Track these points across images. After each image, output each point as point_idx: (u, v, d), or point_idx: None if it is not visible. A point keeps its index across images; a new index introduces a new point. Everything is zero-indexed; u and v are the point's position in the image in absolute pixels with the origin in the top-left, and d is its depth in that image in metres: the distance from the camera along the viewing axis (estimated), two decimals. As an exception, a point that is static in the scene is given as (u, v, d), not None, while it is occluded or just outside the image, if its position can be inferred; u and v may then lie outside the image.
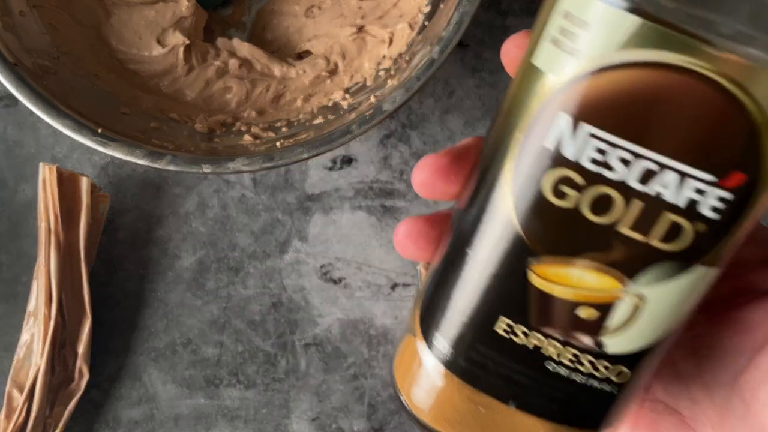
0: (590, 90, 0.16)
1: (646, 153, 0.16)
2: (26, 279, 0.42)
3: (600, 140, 0.16)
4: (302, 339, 0.43)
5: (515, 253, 0.17)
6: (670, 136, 0.15)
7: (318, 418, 0.43)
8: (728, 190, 0.16)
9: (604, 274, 0.17)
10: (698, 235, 0.16)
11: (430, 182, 0.20)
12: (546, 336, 0.18)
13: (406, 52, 0.38)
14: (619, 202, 0.16)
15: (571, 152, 0.16)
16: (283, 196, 0.43)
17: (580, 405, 0.19)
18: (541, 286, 0.17)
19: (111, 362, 0.42)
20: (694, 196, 0.16)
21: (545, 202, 0.17)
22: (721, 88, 0.15)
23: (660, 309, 0.17)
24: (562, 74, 0.16)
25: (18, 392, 0.40)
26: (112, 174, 0.43)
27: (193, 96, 0.40)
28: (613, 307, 0.17)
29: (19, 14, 0.37)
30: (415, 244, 0.21)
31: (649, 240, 0.16)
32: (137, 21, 0.40)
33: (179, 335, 0.43)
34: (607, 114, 0.16)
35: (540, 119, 0.16)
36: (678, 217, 0.16)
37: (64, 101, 0.35)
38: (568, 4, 0.16)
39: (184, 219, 0.43)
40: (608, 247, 0.17)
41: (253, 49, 0.41)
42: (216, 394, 0.43)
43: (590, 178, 0.16)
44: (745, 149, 0.15)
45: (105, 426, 0.42)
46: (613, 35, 0.15)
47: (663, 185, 0.16)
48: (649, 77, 0.15)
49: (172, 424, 0.43)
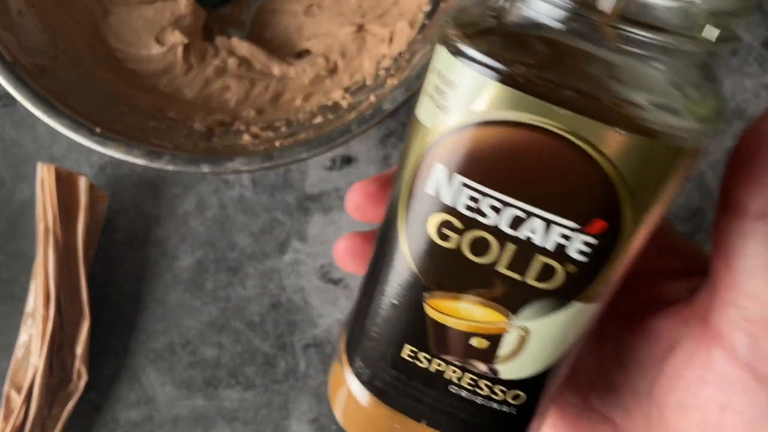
0: (459, 144, 0.17)
1: (513, 202, 0.17)
2: (24, 279, 0.42)
3: (472, 189, 0.17)
4: (302, 340, 0.42)
5: (412, 287, 0.19)
6: (532, 188, 0.17)
7: (318, 420, 0.42)
8: (592, 236, 0.17)
9: (489, 308, 0.18)
10: (570, 276, 0.17)
11: (362, 206, 0.22)
12: (446, 362, 0.19)
13: (406, 51, 0.38)
14: (494, 245, 0.17)
15: (448, 199, 0.18)
16: (282, 196, 0.43)
17: (484, 425, 0.20)
18: (436, 318, 0.19)
19: (109, 363, 0.42)
20: (561, 241, 0.17)
21: (432, 243, 0.18)
22: (572, 144, 0.16)
23: (544, 340, 0.19)
24: (436, 128, 0.17)
25: (16, 393, 0.39)
26: (110, 174, 0.43)
27: (191, 95, 0.40)
28: (501, 338, 0.19)
29: (17, 13, 0.36)
30: (352, 259, 0.23)
31: (526, 279, 0.18)
32: (136, 20, 0.40)
33: (178, 336, 0.42)
34: (475, 166, 0.17)
35: (422, 168, 0.18)
36: (549, 259, 0.17)
37: (62, 100, 0.34)
38: (439, 63, 0.17)
39: (182, 219, 0.43)
40: (490, 284, 0.18)
41: (252, 48, 0.41)
42: (215, 396, 0.42)
43: (467, 223, 0.17)
44: (602, 199, 0.16)
45: (103, 427, 0.42)
46: (474, 96, 0.16)
47: (531, 231, 0.17)
48: (509, 134, 0.16)
49: (170, 426, 0.42)
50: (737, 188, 0.18)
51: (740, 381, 0.18)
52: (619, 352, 0.22)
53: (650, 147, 0.16)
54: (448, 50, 0.17)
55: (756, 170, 0.17)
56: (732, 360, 0.18)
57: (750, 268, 0.18)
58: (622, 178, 0.16)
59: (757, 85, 0.42)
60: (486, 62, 0.16)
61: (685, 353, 0.20)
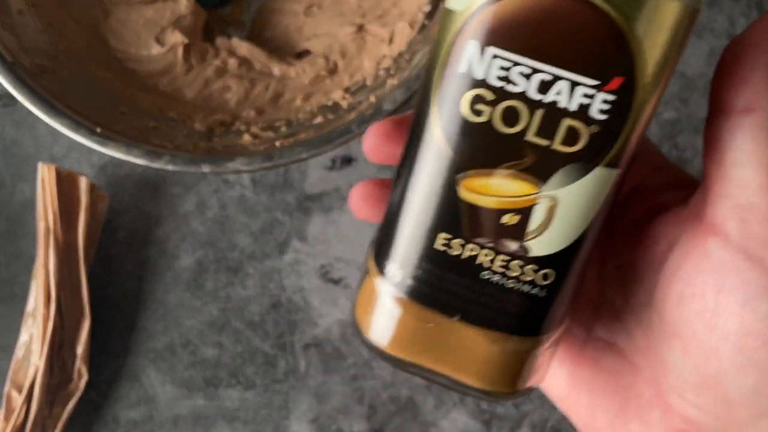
0: (490, 17, 0.19)
1: (540, 66, 0.19)
2: (24, 279, 0.42)
3: (502, 59, 0.19)
4: (302, 340, 0.42)
5: (446, 171, 0.20)
6: (557, 50, 0.18)
7: (318, 419, 0.42)
8: (610, 92, 0.19)
9: (520, 180, 0.20)
10: (593, 137, 0.19)
11: (377, 145, 0.23)
12: (479, 246, 0.20)
13: (406, 51, 0.38)
14: (524, 113, 0.19)
15: (480, 73, 0.19)
16: (282, 196, 0.43)
17: (516, 311, 0.21)
18: (469, 199, 0.20)
19: (110, 363, 0.42)
20: (584, 101, 0.19)
21: (465, 121, 0.19)
22: (592, 5, 0.18)
23: (572, 209, 0.20)
24: (468, 8, 0.19)
25: (17, 393, 0.39)
26: (110, 174, 0.43)
27: (192, 95, 0.40)
28: (531, 211, 0.20)
29: (17, 13, 0.36)
30: (366, 202, 0.24)
31: (553, 144, 0.19)
32: (136, 20, 0.40)
33: (178, 336, 0.42)
34: (504, 36, 0.19)
35: (454, 50, 0.19)
36: (574, 121, 0.19)
37: (62, 100, 0.34)
38: None
39: (183, 219, 0.43)
40: (521, 155, 0.19)
41: (252, 48, 0.41)
42: (215, 395, 0.42)
43: (499, 94, 0.19)
44: (618, 56, 0.18)
45: (104, 427, 0.42)
46: None
47: (558, 93, 0.19)
48: (533, 1, 0.18)
49: (171, 425, 0.42)
50: (724, 89, 0.19)
51: (733, 263, 0.19)
52: (619, 270, 0.23)
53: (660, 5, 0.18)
54: None
55: (740, 70, 0.19)
56: (726, 245, 0.19)
57: (738, 159, 0.19)
58: (635, 35, 0.18)
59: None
60: None
61: (683, 249, 0.21)
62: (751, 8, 0.42)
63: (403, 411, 0.42)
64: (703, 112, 0.42)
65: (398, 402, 0.42)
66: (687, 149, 0.43)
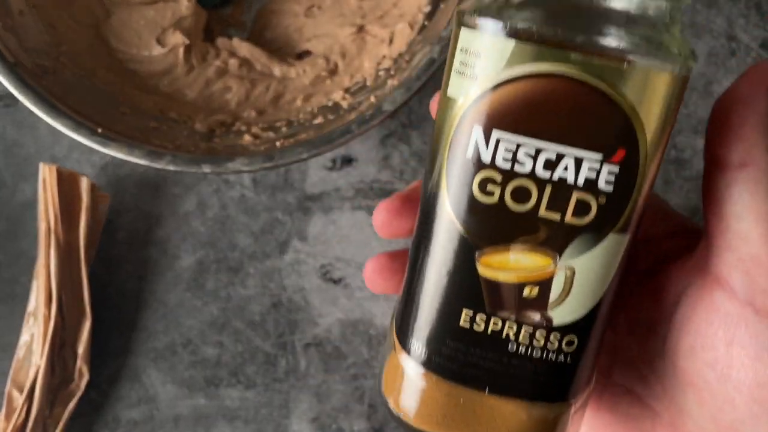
0: (491, 103, 0.19)
1: (545, 145, 0.19)
2: (25, 279, 0.42)
3: (507, 142, 0.19)
4: (302, 339, 0.43)
5: (462, 251, 0.20)
6: (559, 128, 0.19)
7: (318, 419, 0.43)
8: (615, 164, 0.19)
9: (537, 254, 0.20)
10: (602, 207, 0.20)
11: (387, 222, 0.24)
12: (502, 320, 0.21)
13: (406, 52, 0.38)
14: (533, 191, 0.20)
15: (487, 156, 0.20)
16: (282, 196, 0.43)
17: (544, 379, 0.21)
18: (488, 276, 0.20)
19: (111, 363, 0.42)
20: (590, 175, 0.19)
21: (476, 202, 0.20)
22: (587, 84, 0.19)
23: (589, 276, 0.20)
24: (468, 96, 0.20)
25: (18, 392, 0.40)
26: (111, 174, 0.43)
27: (192, 96, 0.40)
28: (551, 283, 0.20)
29: (18, 14, 0.37)
30: (380, 276, 0.25)
31: (565, 218, 0.20)
32: (137, 20, 0.40)
33: (179, 336, 0.43)
34: (507, 119, 0.19)
35: (459, 136, 0.20)
36: (582, 194, 0.19)
37: (63, 101, 0.35)
38: (462, 42, 0.20)
39: (183, 219, 0.43)
40: (535, 230, 0.20)
41: (252, 49, 0.41)
42: (216, 395, 0.42)
43: (507, 175, 0.20)
44: (618, 129, 0.19)
45: (104, 426, 0.42)
46: (498, 57, 0.19)
47: (564, 169, 0.19)
48: (533, 84, 0.19)
49: (171, 425, 0.42)
50: (718, 145, 0.20)
51: (742, 317, 0.20)
52: (631, 320, 0.24)
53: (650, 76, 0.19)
54: (469, 27, 0.20)
55: (732, 126, 0.20)
56: (732, 298, 0.20)
57: (737, 212, 0.19)
58: (633, 107, 0.19)
59: (756, 86, 0.42)
60: (504, 26, 0.19)
61: (691, 301, 0.21)
62: (749, 9, 0.42)
63: (403, 410, 0.42)
64: (702, 112, 0.42)
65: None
66: (686, 149, 0.43)
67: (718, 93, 0.42)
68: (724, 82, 0.42)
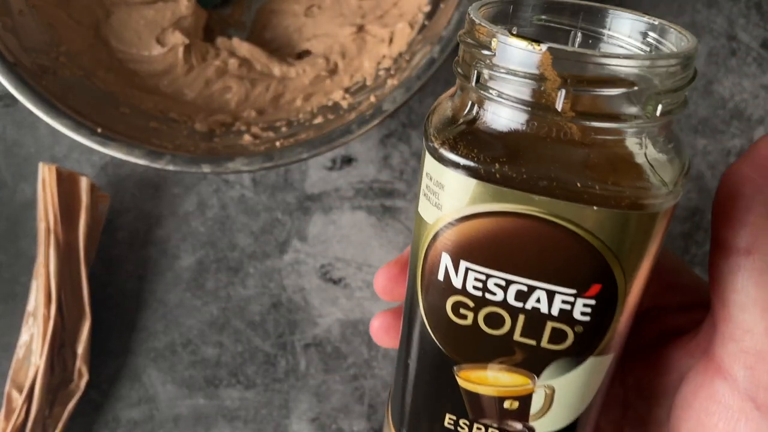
0: (456, 235, 0.19)
1: (515, 278, 0.19)
2: (25, 279, 0.42)
3: (476, 272, 0.19)
4: (302, 339, 0.43)
5: (441, 363, 0.20)
6: (529, 264, 0.18)
7: (318, 419, 0.42)
8: (591, 298, 0.18)
9: (514, 373, 0.20)
10: (579, 335, 0.19)
11: (388, 288, 0.24)
12: (485, 426, 0.21)
13: (406, 52, 0.38)
14: (506, 318, 0.19)
15: (457, 283, 0.19)
16: (282, 196, 0.43)
17: None
18: (468, 387, 0.20)
19: (110, 363, 0.42)
20: (565, 307, 0.19)
21: (451, 322, 0.20)
22: (554, 224, 0.18)
23: (570, 394, 0.20)
24: (436, 223, 0.19)
25: (17, 392, 0.40)
26: (111, 174, 0.43)
27: (192, 96, 0.40)
28: (530, 398, 0.20)
29: (18, 14, 0.36)
30: (386, 333, 0.25)
31: (541, 344, 0.19)
32: (137, 20, 0.40)
33: (179, 336, 0.43)
34: (475, 251, 0.19)
35: (429, 258, 0.20)
36: (557, 323, 0.19)
37: (63, 101, 0.34)
38: (428, 167, 0.19)
39: (183, 219, 0.43)
40: (510, 352, 0.19)
41: (252, 49, 0.41)
42: (215, 395, 0.42)
43: (478, 302, 0.19)
44: (592, 266, 0.18)
45: (104, 426, 0.42)
46: (461, 194, 0.18)
47: (536, 302, 0.19)
48: (498, 222, 0.18)
49: (171, 425, 0.42)
50: (724, 227, 0.19)
51: (743, 411, 0.19)
52: (638, 385, 0.24)
53: (626, 217, 0.17)
54: (433, 157, 0.19)
55: (738, 210, 0.19)
56: (734, 391, 0.19)
57: (741, 302, 0.19)
58: (605, 245, 0.18)
59: (756, 86, 0.42)
60: (465, 165, 0.18)
61: (692, 385, 0.21)
62: (750, 9, 0.42)
63: (403, 410, 0.42)
64: (702, 111, 0.42)
65: None
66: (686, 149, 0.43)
67: (719, 93, 0.42)
68: (724, 81, 0.42)
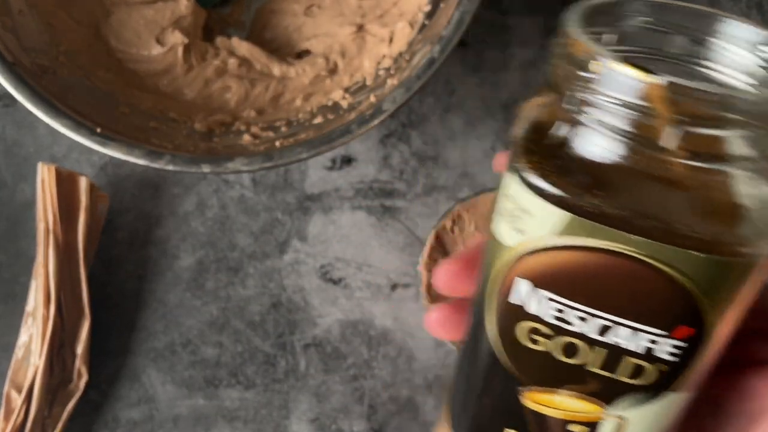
0: (541, 263, 0.18)
1: (599, 313, 0.18)
2: (24, 279, 0.42)
3: (557, 303, 0.18)
4: (302, 339, 0.43)
5: (508, 382, 0.20)
6: (616, 301, 0.17)
7: (318, 419, 0.42)
8: (679, 340, 0.18)
9: (585, 401, 0.19)
10: (661, 373, 0.18)
11: (450, 284, 0.24)
12: None
13: (406, 51, 0.38)
14: (584, 349, 0.18)
15: (534, 309, 0.18)
16: (282, 196, 0.43)
17: None
18: (533, 408, 0.20)
19: (110, 363, 0.42)
20: (650, 345, 0.18)
21: (522, 346, 0.19)
22: (649, 265, 0.17)
23: (641, 428, 0.19)
24: (516, 248, 0.18)
25: (16, 393, 0.39)
26: (110, 174, 0.43)
27: (192, 95, 0.40)
28: (599, 425, 0.19)
29: (18, 13, 0.36)
30: (442, 327, 0.24)
31: (618, 377, 0.18)
32: (136, 20, 0.40)
33: (178, 336, 0.43)
34: (558, 283, 0.18)
35: (506, 281, 0.19)
36: (639, 360, 0.18)
37: (62, 101, 0.34)
38: (512, 190, 0.18)
39: (183, 219, 0.43)
40: (584, 381, 0.19)
41: (252, 49, 0.41)
42: (215, 395, 0.42)
43: (555, 330, 0.18)
44: (684, 309, 0.17)
45: (104, 426, 0.42)
46: (549, 225, 0.17)
47: (619, 337, 0.18)
48: (588, 257, 0.17)
49: (171, 425, 0.42)
50: None
51: None
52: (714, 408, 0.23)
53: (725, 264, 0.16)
54: (520, 181, 0.18)
55: None
56: None
57: None
58: (700, 290, 0.17)
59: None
60: (556, 195, 0.17)
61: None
62: (750, 8, 0.42)
63: (403, 411, 0.42)
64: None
65: (398, 402, 0.42)
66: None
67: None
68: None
